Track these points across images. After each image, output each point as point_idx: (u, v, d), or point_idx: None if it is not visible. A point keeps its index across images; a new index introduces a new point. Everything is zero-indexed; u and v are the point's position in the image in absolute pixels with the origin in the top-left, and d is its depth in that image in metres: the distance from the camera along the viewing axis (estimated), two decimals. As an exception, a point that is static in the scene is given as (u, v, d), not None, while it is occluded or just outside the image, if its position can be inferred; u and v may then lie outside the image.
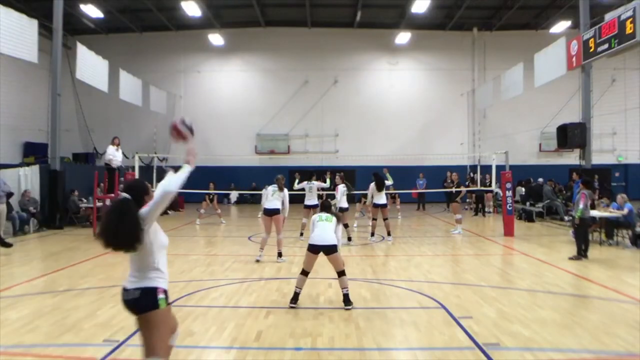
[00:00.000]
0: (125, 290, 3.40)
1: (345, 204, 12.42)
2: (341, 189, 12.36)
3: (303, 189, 13.55)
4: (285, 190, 9.87)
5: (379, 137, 26.55)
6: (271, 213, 9.65)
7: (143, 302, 3.35)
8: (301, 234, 12.70)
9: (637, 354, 4.79)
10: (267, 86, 27.32)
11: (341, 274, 6.47)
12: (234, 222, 17.59)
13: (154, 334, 3.38)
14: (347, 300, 6.37)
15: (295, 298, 6.42)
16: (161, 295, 3.39)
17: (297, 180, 14.67)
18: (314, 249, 6.47)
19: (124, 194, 3.37)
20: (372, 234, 12.49)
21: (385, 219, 12.42)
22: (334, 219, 6.72)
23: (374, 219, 12.51)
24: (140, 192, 3.46)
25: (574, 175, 15.03)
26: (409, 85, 27.34)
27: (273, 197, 9.74)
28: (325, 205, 7.16)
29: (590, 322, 5.79)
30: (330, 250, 6.44)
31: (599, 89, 21.68)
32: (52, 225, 14.89)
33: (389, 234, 12.45)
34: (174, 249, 11.42)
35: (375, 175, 12.42)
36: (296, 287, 6.49)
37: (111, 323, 5.66)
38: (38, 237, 13.38)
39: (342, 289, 6.43)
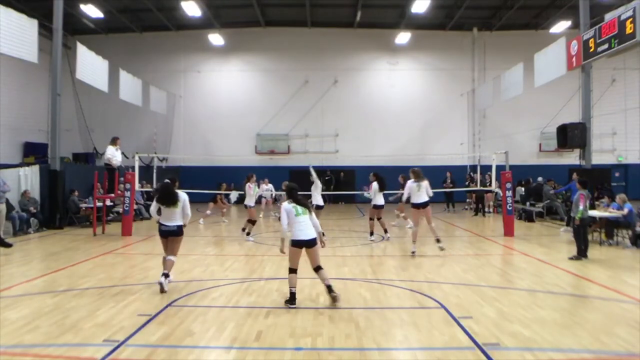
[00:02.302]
0: (167, 225, 7.34)
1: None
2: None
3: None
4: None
5: (379, 137, 26.56)
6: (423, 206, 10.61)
7: (180, 230, 7.42)
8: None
9: (637, 354, 4.79)
10: (267, 86, 27.33)
11: (318, 268, 6.55)
12: (235, 222, 17.57)
13: (178, 245, 7.51)
14: (331, 289, 6.43)
15: (292, 298, 6.39)
16: (182, 228, 7.49)
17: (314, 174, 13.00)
18: (299, 244, 6.49)
19: (167, 180, 7.70)
20: (371, 233, 12.47)
21: (379, 219, 12.46)
22: (307, 210, 6.67)
23: (371, 219, 12.49)
24: (174, 181, 7.72)
25: (574, 176, 15.09)
26: (409, 85, 27.35)
27: (420, 191, 10.50)
28: (292, 188, 6.84)
29: (590, 322, 5.79)
30: (312, 243, 6.51)
31: (599, 89, 21.66)
32: (52, 225, 14.88)
33: (385, 231, 12.52)
34: (174, 249, 11.42)
35: (376, 175, 12.36)
36: (290, 287, 6.47)
37: (111, 323, 5.67)
38: (38, 237, 13.37)
39: (324, 280, 6.52)
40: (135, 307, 6.37)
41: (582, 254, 9.73)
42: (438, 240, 10.58)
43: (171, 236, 7.36)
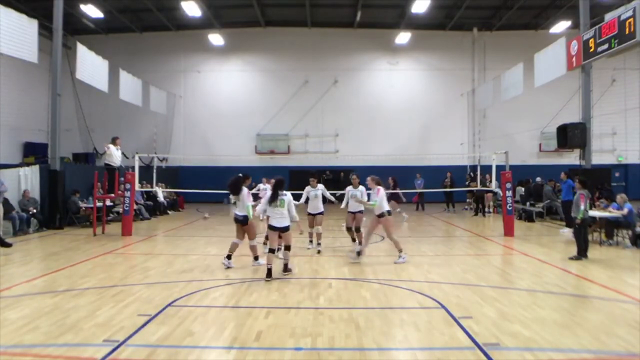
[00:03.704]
0: (236, 214, 8.85)
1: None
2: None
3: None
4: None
5: (379, 137, 26.55)
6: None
7: (245, 219, 8.72)
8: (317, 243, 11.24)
9: (637, 354, 4.79)
10: (267, 86, 27.32)
11: (288, 248, 8.21)
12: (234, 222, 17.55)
13: (251, 231, 8.91)
14: (286, 268, 8.07)
15: (269, 273, 7.83)
16: (248, 217, 8.72)
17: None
18: (274, 229, 8.09)
19: (240, 175, 8.92)
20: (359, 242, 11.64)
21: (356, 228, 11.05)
22: (286, 202, 8.07)
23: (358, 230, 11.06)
24: (245, 176, 9.01)
25: (562, 175, 15.16)
26: (409, 85, 27.34)
27: None
28: (280, 181, 8.30)
29: (590, 322, 5.79)
30: (284, 229, 8.11)
31: (599, 89, 21.66)
32: (52, 225, 14.87)
33: (354, 240, 11.14)
34: (174, 249, 11.43)
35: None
36: (267, 264, 7.93)
37: (111, 323, 5.66)
38: (38, 237, 13.36)
39: (285, 259, 8.15)
40: (135, 307, 6.37)
41: (582, 254, 9.73)
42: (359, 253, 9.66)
43: (237, 223, 9.00)
